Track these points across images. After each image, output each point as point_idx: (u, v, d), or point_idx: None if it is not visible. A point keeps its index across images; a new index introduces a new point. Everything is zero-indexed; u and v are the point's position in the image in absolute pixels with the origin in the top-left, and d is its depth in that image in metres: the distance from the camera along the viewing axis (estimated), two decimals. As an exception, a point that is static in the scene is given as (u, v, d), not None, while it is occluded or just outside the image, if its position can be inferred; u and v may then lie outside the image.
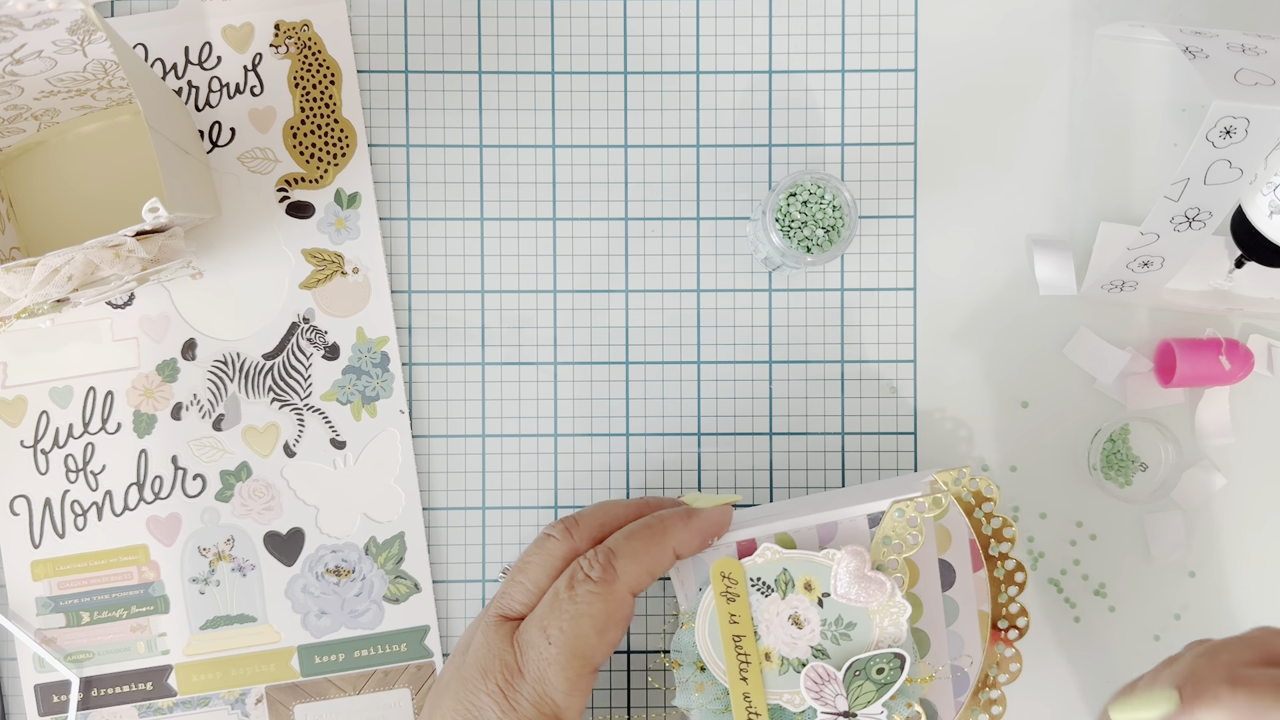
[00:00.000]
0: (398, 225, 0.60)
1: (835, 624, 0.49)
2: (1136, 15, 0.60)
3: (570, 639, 0.46)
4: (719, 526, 0.50)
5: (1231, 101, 0.48)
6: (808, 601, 0.49)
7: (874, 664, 0.48)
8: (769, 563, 0.49)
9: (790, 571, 0.49)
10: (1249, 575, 0.60)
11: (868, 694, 0.48)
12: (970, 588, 0.53)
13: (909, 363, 0.60)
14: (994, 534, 0.54)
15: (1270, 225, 0.52)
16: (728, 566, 0.49)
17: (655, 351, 0.60)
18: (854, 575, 0.49)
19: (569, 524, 0.50)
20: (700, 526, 0.50)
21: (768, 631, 0.49)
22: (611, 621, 0.47)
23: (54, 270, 0.50)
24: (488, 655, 0.47)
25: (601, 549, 0.48)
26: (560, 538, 0.49)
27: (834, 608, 0.49)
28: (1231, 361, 0.58)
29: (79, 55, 0.53)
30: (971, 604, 0.53)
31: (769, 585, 0.49)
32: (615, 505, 0.51)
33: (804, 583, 0.49)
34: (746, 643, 0.49)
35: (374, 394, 0.59)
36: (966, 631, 0.52)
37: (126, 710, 0.59)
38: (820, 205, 0.55)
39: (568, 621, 0.46)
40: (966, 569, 0.53)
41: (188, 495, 0.59)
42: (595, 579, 0.47)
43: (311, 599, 0.59)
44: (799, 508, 0.52)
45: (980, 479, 0.54)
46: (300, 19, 0.59)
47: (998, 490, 0.54)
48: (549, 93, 0.60)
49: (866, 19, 0.60)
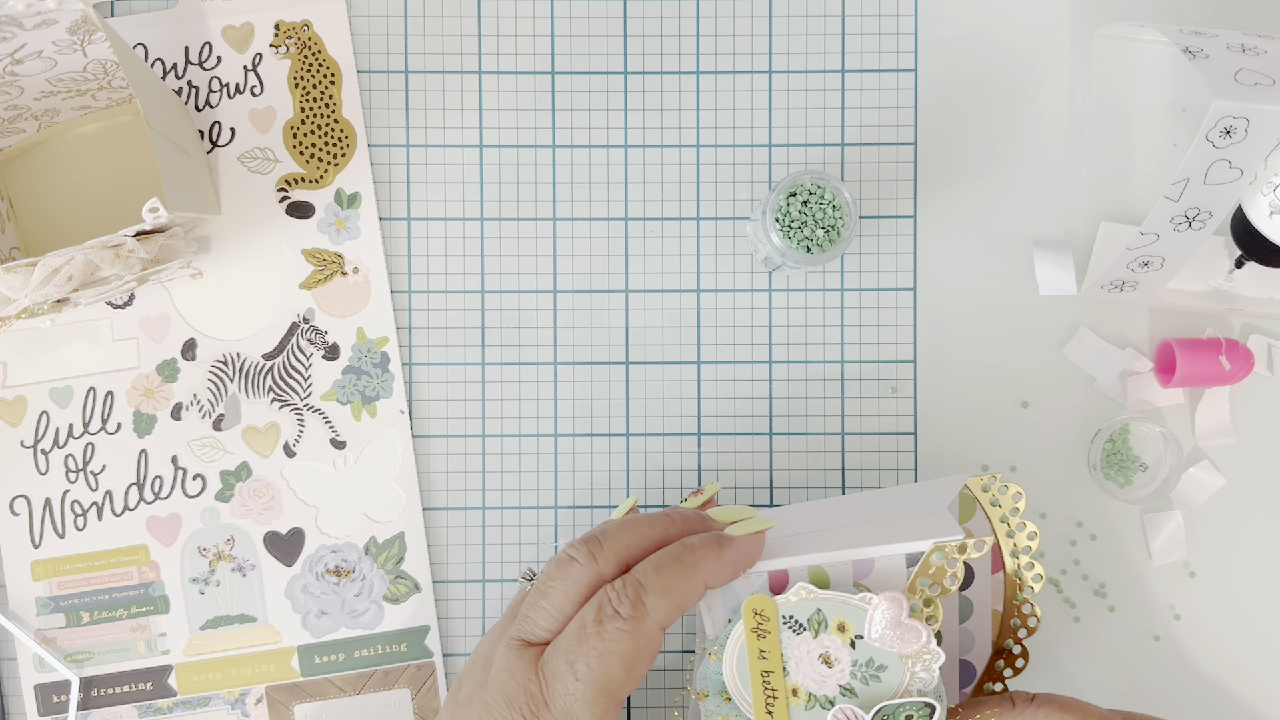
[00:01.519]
0: (398, 225, 0.60)
1: (866, 665, 0.48)
2: (1136, 15, 0.60)
3: (598, 675, 0.45)
4: (751, 558, 0.49)
5: (1231, 101, 0.48)
6: (840, 642, 0.48)
7: (903, 710, 0.47)
8: (803, 602, 0.48)
9: (824, 612, 0.48)
10: (1249, 575, 0.60)
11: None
12: (988, 588, 0.53)
13: (909, 363, 0.60)
14: (1017, 537, 0.54)
15: (1270, 225, 0.52)
16: (761, 604, 0.48)
17: (655, 351, 0.60)
18: (890, 622, 0.47)
19: (592, 546, 0.48)
20: (733, 560, 0.48)
21: (796, 668, 0.48)
22: (640, 658, 0.45)
23: (54, 270, 0.50)
24: (511, 683, 0.46)
25: (630, 582, 0.46)
26: (584, 562, 0.47)
27: (866, 650, 0.47)
28: (1231, 361, 0.58)
29: (79, 55, 0.53)
30: (987, 603, 0.53)
31: (801, 624, 0.48)
32: (640, 525, 0.49)
33: (837, 624, 0.48)
34: (774, 678, 0.48)
35: (374, 394, 0.59)
36: (979, 630, 0.53)
37: (126, 710, 0.59)
38: (820, 205, 0.55)
39: (595, 659, 0.45)
40: (986, 571, 0.53)
41: (188, 495, 0.59)
42: (625, 615, 0.45)
43: (311, 599, 0.59)
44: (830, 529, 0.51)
45: (1012, 485, 0.53)
46: (300, 19, 0.59)
47: (1024, 496, 0.53)
48: (549, 93, 0.60)
49: (866, 19, 0.60)
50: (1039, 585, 0.54)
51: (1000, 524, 0.54)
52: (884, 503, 0.54)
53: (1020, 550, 0.54)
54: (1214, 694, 0.60)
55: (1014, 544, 0.54)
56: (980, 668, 0.54)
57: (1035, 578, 0.54)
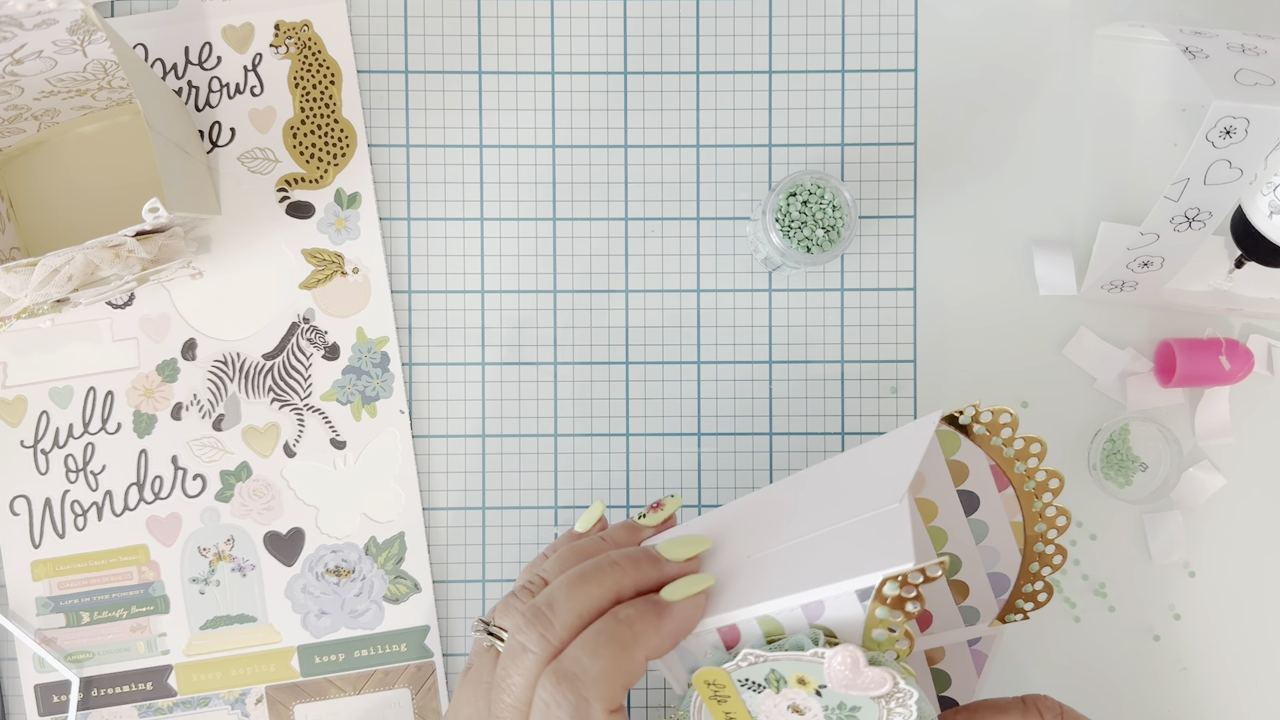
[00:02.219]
0: (398, 225, 0.60)
1: (839, 709, 0.44)
2: (1136, 15, 0.60)
3: None
4: (691, 623, 0.45)
5: (1231, 101, 0.48)
6: (805, 694, 0.44)
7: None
8: (754, 666, 0.44)
9: (779, 671, 0.44)
10: (1249, 575, 0.60)
11: None
12: (998, 505, 0.52)
13: (909, 363, 0.60)
14: (1018, 454, 0.51)
15: (1270, 225, 0.52)
16: (711, 676, 0.44)
17: (655, 351, 0.60)
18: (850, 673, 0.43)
19: (542, 628, 0.44)
20: (672, 630, 0.45)
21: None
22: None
23: (54, 270, 0.50)
24: None
25: (564, 678, 0.43)
26: (537, 649, 0.44)
27: (834, 695, 0.44)
28: (1231, 361, 0.58)
29: (79, 55, 0.53)
30: (1002, 518, 0.52)
31: (759, 684, 0.44)
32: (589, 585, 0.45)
33: (796, 679, 0.44)
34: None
35: (374, 394, 0.59)
36: (1001, 544, 0.52)
37: (126, 710, 0.59)
38: (820, 205, 0.55)
39: None
40: (990, 490, 0.52)
41: (188, 495, 0.59)
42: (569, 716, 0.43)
43: (311, 599, 0.59)
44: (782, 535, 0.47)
45: (995, 409, 0.50)
46: (300, 19, 0.59)
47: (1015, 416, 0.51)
48: (549, 93, 0.60)
49: (866, 19, 0.60)
50: (1058, 485, 0.51)
51: (993, 446, 0.52)
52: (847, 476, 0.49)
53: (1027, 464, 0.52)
54: (1214, 694, 0.60)
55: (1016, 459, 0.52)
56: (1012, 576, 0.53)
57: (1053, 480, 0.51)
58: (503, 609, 0.47)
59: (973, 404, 0.50)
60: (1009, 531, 0.53)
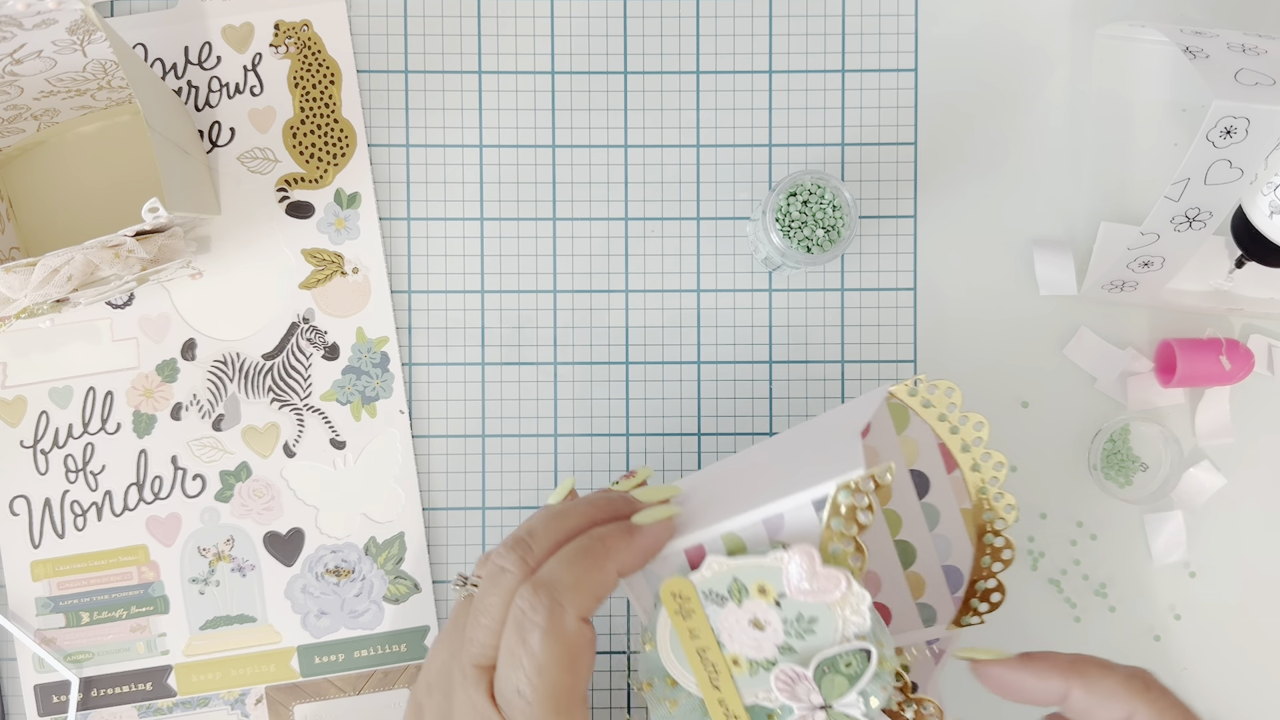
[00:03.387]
0: (398, 225, 0.60)
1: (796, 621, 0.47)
2: (1136, 15, 0.60)
3: (544, 689, 0.44)
4: (660, 542, 0.48)
5: (1232, 101, 0.48)
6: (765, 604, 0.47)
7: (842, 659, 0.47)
8: (717, 575, 0.47)
9: (741, 580, 0.47)
10: (1249, 575, 0.60)
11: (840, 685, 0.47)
12: (948, 490, 0.53)
13: (909, 363, 0.60)
14: (963, 432, 0.53)
15: (1270, 225, 0.52)
16: (677, 586, 0.47)
17: (655, 351, 0.60)
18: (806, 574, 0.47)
19: (521, 551, 0.47)
20: (642, 546, 0.48)
21: (730, 639, 0.48)
22: (575, 656, 0.45)
23: (53, 270, 0.50)
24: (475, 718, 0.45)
25: (541, 586, 0.45)
26: (516, 570, 0.46)
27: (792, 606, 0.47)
28: (1232, 361, 0.58)
29: (79, 55, 0.53)
30: (952, 504, 0.53)
31: (722, 595, 0.47)
32: (566, 518, 0.48)
33: (757, 588, 0.47)
34: (711, 654, 0.47)
35: (374, 394, 0.59)
36: (952, 532, 0.53)
37: (126, 710, 0.59)
38: (820, 205, 0.55)
39: (534, 674, 0.44)
40: (940, 473, 0.53)
41: (187, 495, 0.59)
42: (542, 623, 0.44)
43: (311, 599, 0.59)
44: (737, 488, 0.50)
45: (940, 382, 0.53)
46: (300, 19, 0.59)
47: (958, 391, 0.53)
48: (549, 93, 0.60)
49: (866, 19, 0.60)
50: (1002, 473, 0.53)
51: (940, 422, 0.53)
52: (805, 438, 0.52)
53: (971, 444, 0.53)
54: (1214, 694, 0.60)
55: (962, 439, 0.53)
56: (966, 570, 0.53)
57: (996, 465, 0.53)
58: (481, 562, 0.49)
59: (918, 377, 0.52)
60: (959, 519, 0.53)
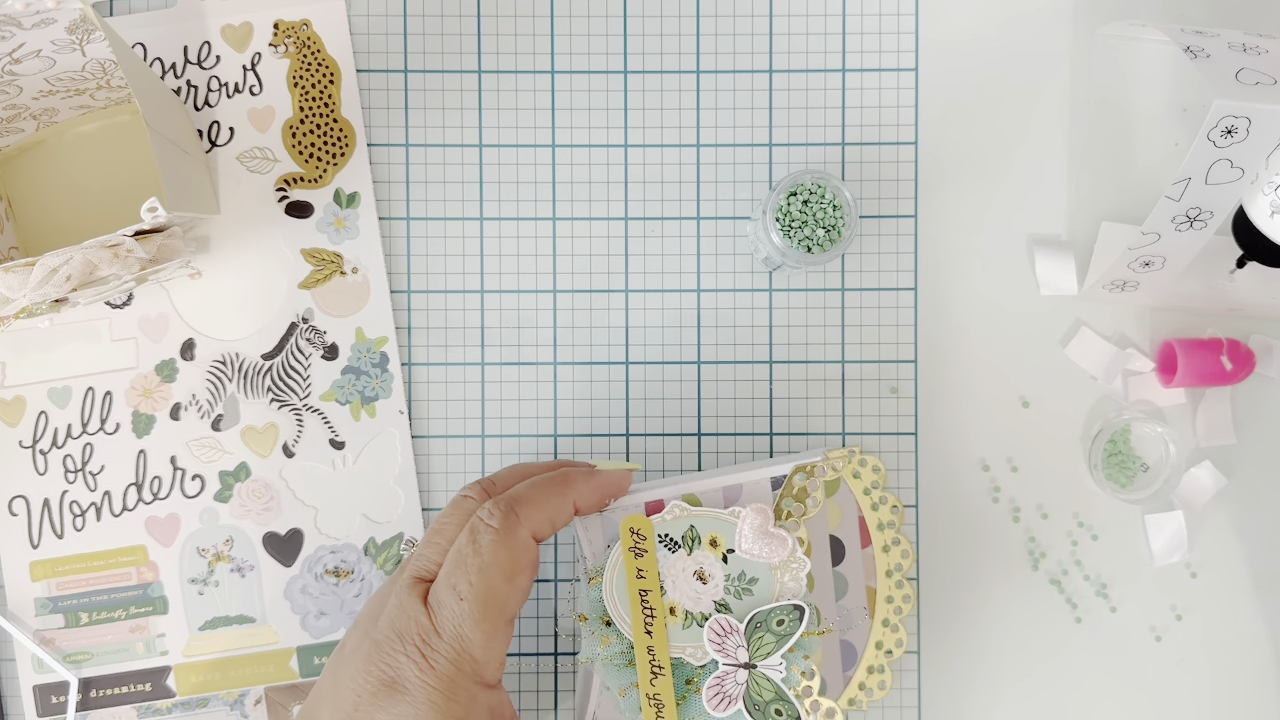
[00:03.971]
0: (397, 225, 0.60)
1: (739, 579, 0.51)
2: (1137, 15, 0.60)
3: (480, 591, 0.46)
4: (619, 488, 0.52)
5: (1233, 101, 0.48)
6: (713, 557, 0.51)
7: (775, 615, 0.50)
8: (676, 519, 0.51)
9: (697, 528, 0.51)
10: (1249, 575, 0.60)
11: (768, 645, 0.50)
12: (859, 564, 0.55)
13: (909, 363, 0.60)
14: (881, 511, 0.57)
15: (1271, 225, 0.52)
16: (637, 523, 0.51)
17: (655, 351, 0.60)
18: (757, 531, 0.51)
19: (486, 484, 0.50)
20: (601, 484, 0.51)
21: (673, 586, 0.51)
22: (518, 568, 0.47)
23: (53, 270, 0.50)
24: (402, 617, 0.47)
25: (502, 498, 0.48)
26: (478, 498, 0.49)
27: (738, 564, 0.51)
28: (1233, 362, 0.58)
29: (78, 55, 0.53)
30: (860, 580, 0.55)
31: (676, 541, 0.51)
32: (530, 466, 0.52)
33: (710, 539, 0.51)
34: (653, 597, 0.51)
35: (373, 394, 0.59)
36: (855, 605, 0.55)
37: (125, 711, 0.59)
38: (820, 205, 0.55)
39: (476, 574, 0.46)
40: (855, 545, 0.55)
41: (186, 496, 0.59)
42: (496, 525, 0.47)
43: (310, 600, 0.59)
44: (699, 476, 0.54)
45: (870, 458, 0.56)
46: (299, 18, 0.59)
47: (883, 470, 0.56)
48: (549, 93, 0.60)
49: (866, 19, 0.60)
50: (907, 561, 0.56)
51: (864, 496, 0.56)
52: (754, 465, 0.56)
53: (885, 525, 0.56)
54: (1215, 694, 0.60)
55: (879, 518, 0.56)
56: (860, 649, 0.55)
57: (903, 553, 0.56)
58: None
59: (855, 448, 0.57)
60: (864, 596, 0.56)
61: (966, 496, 0.60)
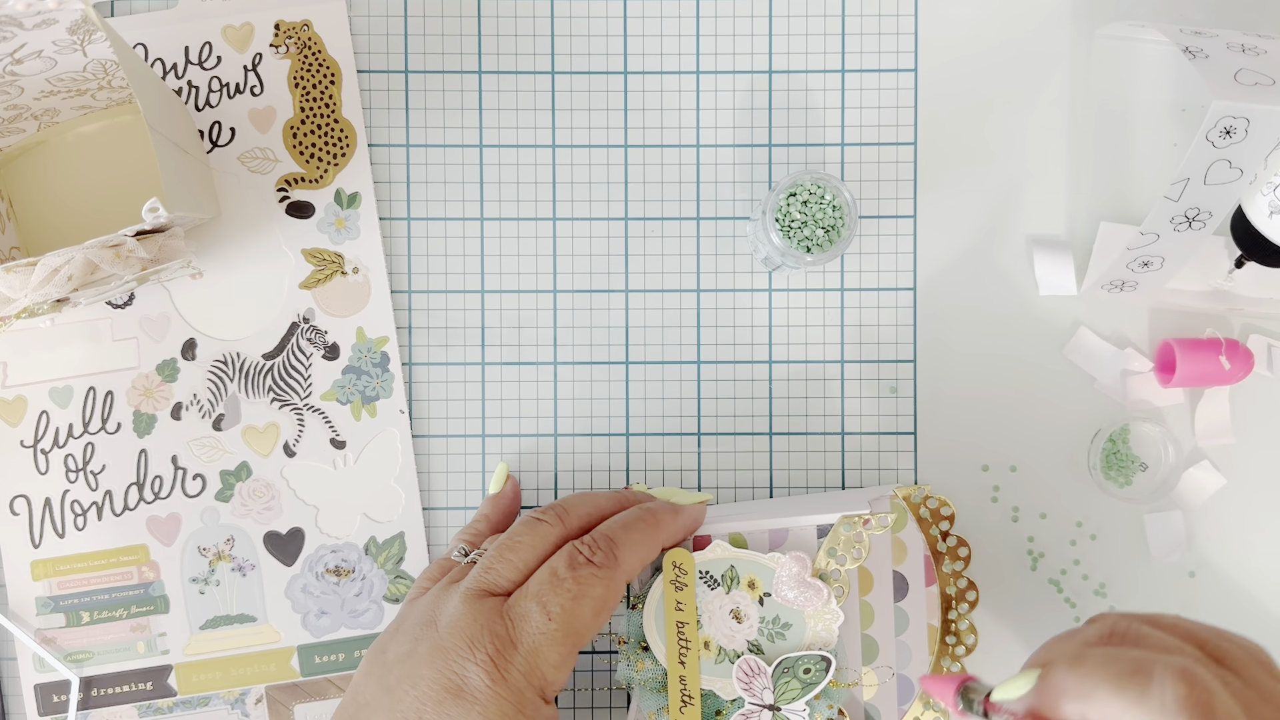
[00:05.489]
0: (398, 225, 0.60)
1: (773, 623, 0.52)
2: (1136, 15, 0.60)
3: (570, 616, 0.47)
4: (697, 523, 0.53)
5: (1231, 101, 0.48)
6: (749, 599, 0.52)
7: (802, 664, 0.51)
8: (718, 559, 0.52)
9: (737, 569, 0.52)
10: (1249, 575, 0.60)
11: (793, 691, 0.51)
12: (922, 601, 0.55)
13: (909, 363, 0.60)
14: (949, 552, 0.57)
15: (1270, 225, 0.52)
16: (680, 557, 0.52)
17: (655, 351, 0.60)
18: (794, 579, 0.51)
19: (559, 511, 0.51)
20: (684, 524, 0.53)
21: (709, 621, 0.52)
22: (607, 605, 0.49)
23: (54, 270, 0.50)
24: (474, 625, 0.47)
25: (602, 536, 0.50)
26: (552, 523, 0.51)
27: (773, 607, 0.52)
28: (1232, 361, 0.58)
29: (79, 55, 0.53)
30: (922, 617, 0.55)
31: (715, 579, 0.52)
32: (598, 498, 0.53)
33: (748, 581, 0.52)
34: (689, 630, 0.52)
35: (374, 394, 0.59)
36: (915, 643, 0.55)
37: (126, 710, 0.59)
38: (820, 205, 0.55)
39: (569, 600, 0.47)
40: (920, 583, 0.55)
41: (188, 495, 0.59)
42: (598, 563, 0.48)
43: (311, 599, 0.59)
44: (756, 511, 0.55)
45: (938, 497, 0.57)
46: (300, 19, 0.59)
47: (954, 509, 0.57)
48: (549, 93, 0.60)
49: (866, 19, 0.60)
50: (974, 598, 0.56)
51: (931, 536, 0.56)
52: (817, 497, 0.57)
53: (952, 565, 0.56)
54: (1214, 694, 0.60)
55: (947, 558, 0.57)
56: (915, 685, 0.54)
57: (970, 594, 0.56)
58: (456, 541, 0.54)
59: (925, 485, 0.56)
60: (924, 634, 0.55)
61: (966, 496, 0.60)
